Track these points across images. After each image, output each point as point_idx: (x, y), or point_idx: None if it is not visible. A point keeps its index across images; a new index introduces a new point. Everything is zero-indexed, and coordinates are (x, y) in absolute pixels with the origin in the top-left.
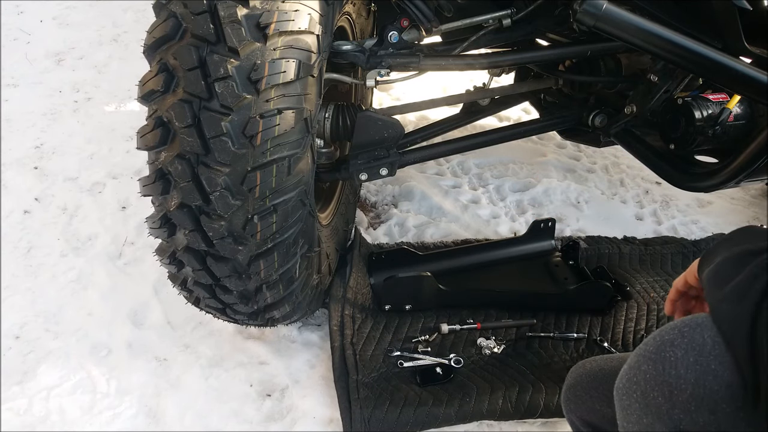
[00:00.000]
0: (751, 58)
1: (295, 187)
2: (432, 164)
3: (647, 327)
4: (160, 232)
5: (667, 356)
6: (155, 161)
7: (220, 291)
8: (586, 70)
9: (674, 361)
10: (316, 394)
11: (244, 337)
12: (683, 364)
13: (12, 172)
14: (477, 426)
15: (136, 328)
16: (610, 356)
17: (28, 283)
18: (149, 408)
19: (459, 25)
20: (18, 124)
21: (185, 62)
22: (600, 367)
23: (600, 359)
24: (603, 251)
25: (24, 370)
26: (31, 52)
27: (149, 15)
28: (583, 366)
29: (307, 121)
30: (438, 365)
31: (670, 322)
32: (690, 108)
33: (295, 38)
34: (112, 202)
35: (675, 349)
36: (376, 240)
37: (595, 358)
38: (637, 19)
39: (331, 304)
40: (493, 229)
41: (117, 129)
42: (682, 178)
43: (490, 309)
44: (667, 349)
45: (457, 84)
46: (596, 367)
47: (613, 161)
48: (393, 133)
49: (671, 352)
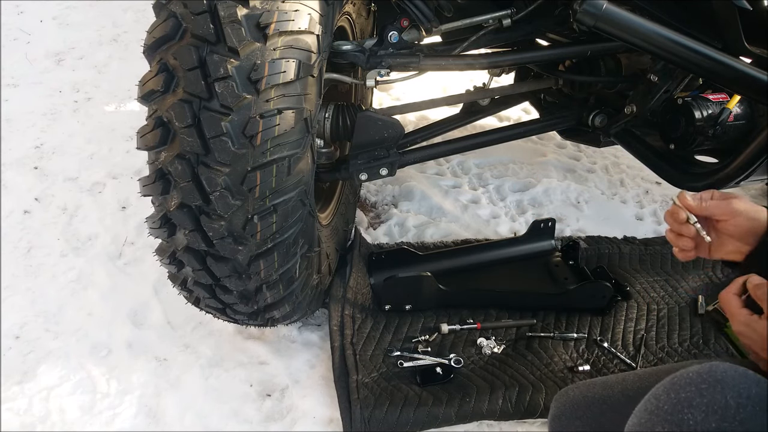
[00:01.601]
0: (751, 58)
1: (295, 187)
2: (432, 164)
3: (647, 327)
4: (160, 232)
5: (685, 419)
6: (155, 161)
7: (220, 291)
8: (586, 70)
9: (693, 426)
10: (316, 394)
11: (244, 337)
12: (704, 430)
13: (12, 172)
14: (477, 426)
15: (136, 328)
16: (593, 381)
17: (28, 283)
18: (149, 408)
19: (459, 25)
20: (18, 124)
21: (185, 62)
22: (583, 394)
23: (582, 386)
24: (603, 251)
25: (24, 370)
26: (31, 52)
27: (149, 15)
28: (566, 394)
29: (307, 121)
30: (438, 365)
31: (682, 372)
32: (690, 108)
33: (295, 38)
34: (112, 202)
35: (694, 411)
36: (376, 240)
37: (577, 385)
38: (637, 19)
39: (331, 304)
40: (493, 229)
41: (117, 129)
42: (682, 178)
43: (490, 309)
44: (685, 410)
45: (457, 84)
46: (579, 395)
47: (613, 161)
48: (393, 133)
49: (689, 414)
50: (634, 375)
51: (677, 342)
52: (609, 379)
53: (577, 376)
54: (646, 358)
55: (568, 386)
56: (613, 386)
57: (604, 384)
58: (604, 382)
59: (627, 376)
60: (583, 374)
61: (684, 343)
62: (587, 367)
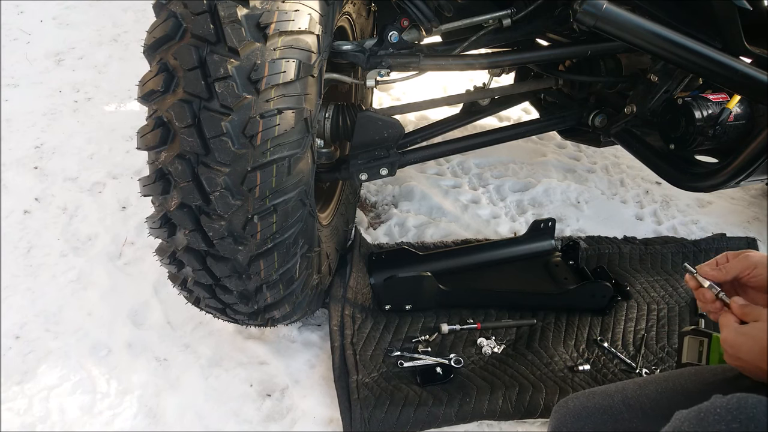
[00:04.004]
0: (751, 58)
1: (295, 187)
2: (432, 164)
3: (647, 327)
4: (160, 232)
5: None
6: (155, 161)
7: (220, 291)
8: (586, 70)
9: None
10: (316, 394)
11: (244, 337)
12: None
13: (12, 172)
14: (477, 426)
15: (136, 328)
16: (592, 391)
17: (28, 283)
18: (149, 408)
19: (459, 25)
20: (18, 124)
21: (185, 62)
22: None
23: (582, 395)
24: (603, 251)
25: (24, 370)
26: (31, 52)
27: (149, 15)
28: (565, 405)
29: (307, 121)
30: (438, 365)
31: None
32: (690, 108)
33: (295, 38)
34: (112, 202)
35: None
36: (376, 240)
37: (577, 395)
38: (637, 19)
39: (331, 304)
40: (493, 229)
41: (117, 129)
42: (682, 178)
43: (490, 309)
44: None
45: (457, 84)
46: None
47: (613, 161)
48: (393, 133)
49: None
50: (634, 384)
51: (677, 342)
52: (609, 388)
53: (577, 375)
54: (646, 358)
55: (568, 396)
56: (613, 395)
57: (603, 393)
58: (604, 391)
59: (627, 385)
60: (583, 374)
61: None
62: (587, 367)
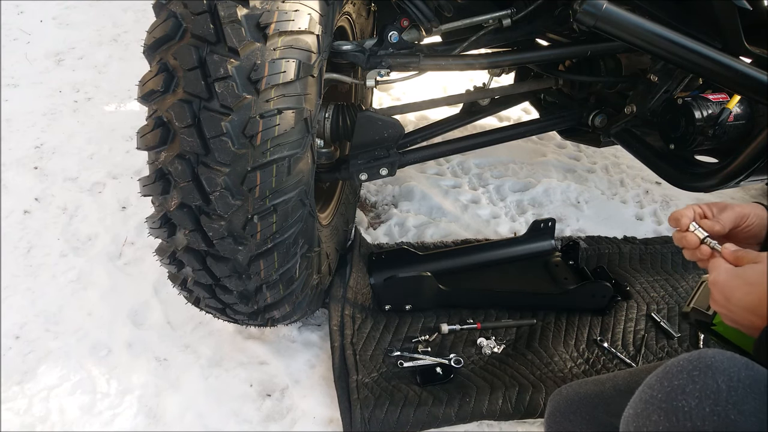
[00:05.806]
0: (751, 58)
1: (295, 187)
2: (432, 164)
3: (647, 327)
4: (160, 232)
5: (679, 406)
6: (155, 161)
7: (220, 291)
8: (586, 70)
9: (688, 412)
10: (316, 394)
11: (244, 337)
12: (699, 415)
13: (12, 172)
14: (477, 426)
15: (136, 328)
16: (585, 380)
17: (28, 283)
18: (149, 408)
19: (459, 25)
20: (18, 124)
21: (185, 62)
22: (576, 392)
23: (575, 384)
24: (603, 251)
25: (24, 370)
26: (31, 52)
27: (149, 15)
28: (559, 393)
29: (307, 121)
30: (438, 365)
31: (674, 360)
32: (690, 108)
33: (295, 38)
34: (112, 202)
35: (687, 397)
36: (376, 240)
37: (570, 384)
38: (637, 19)
39: (331, 304)
40: (493, 229)
41: (117, 129)
42: (682, 178)
43: (490, 309)
44: (679, 397)
45: (457, 84)
46: (572, 392)
47: (613, 161)
48: (393, 133)
49: (684, 400)
50: (626, 372)
51: (677, 342)
52: (600, 377)
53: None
54: (646, 358)
55: (562, 386)
56: (605, 382)
57: (595, 381)
58: (596, 380)
59: (618, 374)
60: (583, 374)
61: (684, 343)
62: (587, 367)
